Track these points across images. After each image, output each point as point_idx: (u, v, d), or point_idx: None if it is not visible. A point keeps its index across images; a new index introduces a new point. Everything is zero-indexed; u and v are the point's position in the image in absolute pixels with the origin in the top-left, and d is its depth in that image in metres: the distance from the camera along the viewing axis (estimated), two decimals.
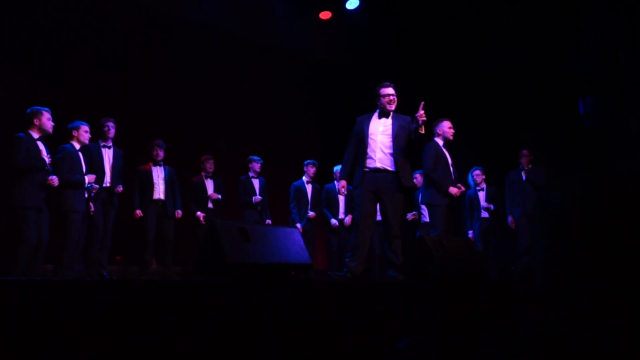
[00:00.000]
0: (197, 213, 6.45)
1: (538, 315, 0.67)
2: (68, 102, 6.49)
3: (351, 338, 2.46)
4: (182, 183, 6.52)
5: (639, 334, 0.57)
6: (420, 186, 6.51)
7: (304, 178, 7.07)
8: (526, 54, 7.09)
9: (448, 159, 5.07)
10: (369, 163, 4.31)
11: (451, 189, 4.91)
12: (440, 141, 5.15)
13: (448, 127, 5.16)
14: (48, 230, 4.57)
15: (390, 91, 4.38)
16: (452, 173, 5.06)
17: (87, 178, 4.93)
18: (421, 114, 4.15)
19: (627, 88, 5.56)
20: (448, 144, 5.17)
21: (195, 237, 6.32)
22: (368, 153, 4.32)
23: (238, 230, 2.87)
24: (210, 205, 6.57)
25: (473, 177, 6.86)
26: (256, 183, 6.88)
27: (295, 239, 3.31)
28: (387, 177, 4.26)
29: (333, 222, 6.85)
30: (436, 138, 5.17)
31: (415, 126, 4.21)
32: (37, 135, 4.59)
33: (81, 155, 5.02)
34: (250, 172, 6.92)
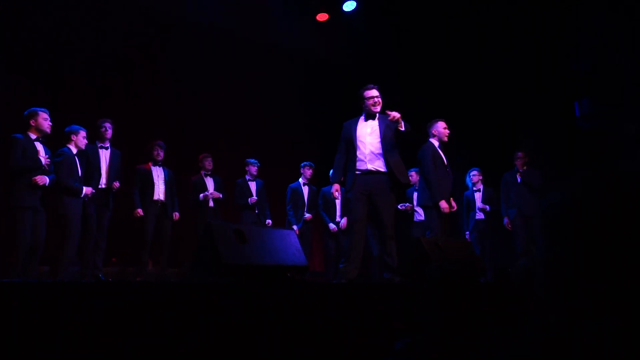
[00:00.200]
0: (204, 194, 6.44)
1: (538, 314, 0.67)
2: (68, 102, 6.48)
3: (349, 339, 2.46)
4: (183, 182, 6.51)
5: (639, 334, 0.57)
6: (413, 183, 6.51)
7: (301, 180, 7.07)
8: (524, 55, 7.11)
9: (444, 160, 5.04)
10: (361, 165, 4.31)
11: (441, 204, 4.79)
12: (435, 142, 5.10)
13: (443, 128, 5.12)
14: (44, 231, 4.58)
15: (374, 93, 4.39)
16: (449, 174, 5.02)
17: (85, 190, 4.95)
18: (391, 116, 4.16)
19: (626, 89, 5.57)
20: (443, 145, 5.12)
21: (195, 237, 6.28)
22: (358, 156, 4.32)
23: (234, 231, 2.87)
24: (211, 204, 6.53)
25: (470, 178, 6.87)
26: (253, 186, 6.86)
27: (291, 241, 3.30)
28: (379, 179, 4.26)
29: (332, 227, 6.84)
30: (431, 139, 5.13)
31: (394, 127, 4.23)
32: (35, 135, 4.62)
33: (77, 159, 5.03)
34: (247, 175, 6.91)
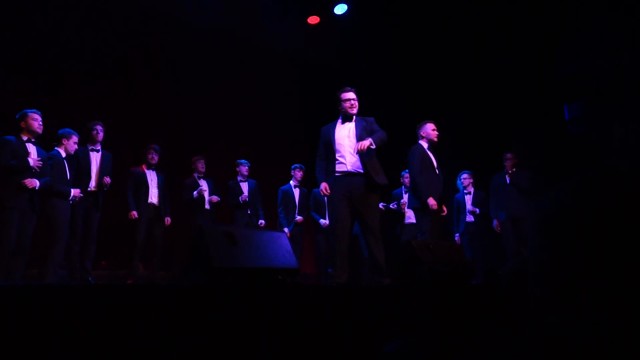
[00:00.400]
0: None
1: (534, 315, 0.67)
2: (67, 103, 6.48)
3: (339, 341, 2.46)
4: (179, 183, 6.53)
5: (638, 334, 0.57)
6: (405, 185, 6.52)
7: (292, 182, 7.07)
8: (515, 59, 7.16)
9: (433, 162, 5.01)
10: (340, 167, 4.29)
11: (430, 200, 4.78)
12: (424, 144, 5.08)
13: (432, 129, 5.09)
14: (31, 235, 4.57)
15: (351, 95, 4.40)
16: (439, 176, 5.00)
17: (73, 192, 4.94)
18: (360, 148, 4.10)
19: (616, 92, 5.60)
20: (433, 146, 5.10)
21: (189, 240, 6.29)
22: (338, 158, 4.31)
23: (225, 234, 2.85)
24: (207, 206, 6.54)
25: (461, 181, 6.89)
26: (245, 186, 6.86)
27: (282, 243, 3.29)
28: (360, 180, 4.24)
29: (323, 222, 6.86)
30: (420, 141, 5.11)
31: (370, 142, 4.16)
32: (26, 137, 4.63)
33: (66, 162, 5.00)
34: (238, 176, 6.90)
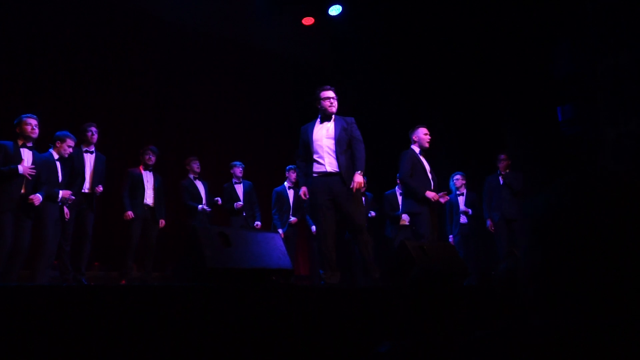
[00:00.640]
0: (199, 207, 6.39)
1: (525, 317, 0.67)
2: (64, 105, 6.48)
3: (332, 342, 2.46)
4: (173, 184, 6.54)
5: (635, 336, 0.57)
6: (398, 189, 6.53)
7: (286, 183, 7.06)
8: (508, 61, 7.19)
9: (425, 166, 4.98)
10: (319, 168, 4.25)
11: (428, 193, 4.79)
12: (416, 148, 5.05)
13: (424, 134, 5.05)
14: (28, 237, 4.57)
15: (330, 94, 4.33)
16: (432, 180, 4.97)
17: (62, 193, 4.88)
18: (356, 186, 4.13)
19: (607, 93, 5.62)
20: (425, 151, 5.07)
21: (184, 242, 6.28)
22: (316, 159, 4.27)
23: (219, 234, 2.86)
24: (207, 207, 6.51)
25: (454, 182, 6.91)
26: (239, 188, 6.84)
27: (276, 244, 3.29)
28: (339, 179, 4.20)
29: (314, 229, 6.84)
30: (412, 145, 5.07)
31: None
32: (21, 142, 4.61)
33: (59, 164, 4.96)
34: (233, 179, 6.88)
